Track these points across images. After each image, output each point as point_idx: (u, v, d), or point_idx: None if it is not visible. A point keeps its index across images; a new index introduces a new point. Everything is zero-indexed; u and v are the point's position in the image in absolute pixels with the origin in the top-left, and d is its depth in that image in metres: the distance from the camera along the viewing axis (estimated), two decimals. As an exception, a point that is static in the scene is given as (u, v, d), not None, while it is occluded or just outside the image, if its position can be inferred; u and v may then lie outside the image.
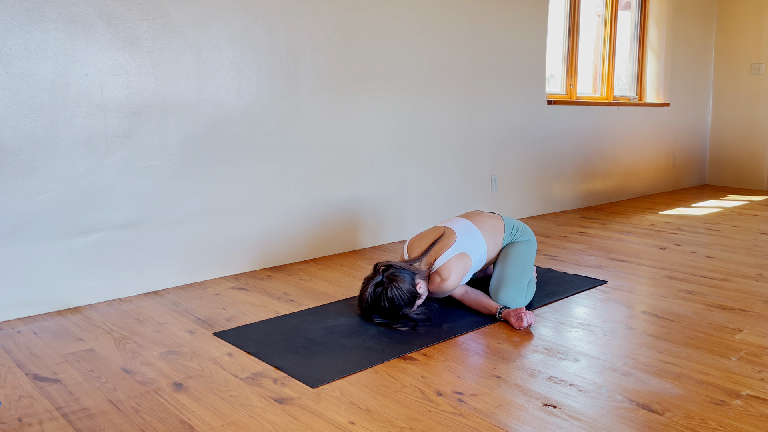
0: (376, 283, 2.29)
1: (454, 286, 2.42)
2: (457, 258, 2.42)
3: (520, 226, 2.70)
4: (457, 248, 2.44)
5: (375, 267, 2.34)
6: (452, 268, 2.40)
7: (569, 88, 4.97)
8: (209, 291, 2.78)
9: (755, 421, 1.64)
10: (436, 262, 2.41)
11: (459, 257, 2.42)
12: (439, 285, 2.40)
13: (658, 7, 5.66)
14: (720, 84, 6.32)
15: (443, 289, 2.41)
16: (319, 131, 3.30)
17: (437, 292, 2.43)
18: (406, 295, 2.29)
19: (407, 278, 2.30)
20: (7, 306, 2.41)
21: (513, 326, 2.31)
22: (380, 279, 2.29)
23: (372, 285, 2.29)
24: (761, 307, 2.55)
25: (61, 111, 2.46)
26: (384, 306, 2.28)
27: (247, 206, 3.06)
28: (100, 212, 2.60)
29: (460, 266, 2.41)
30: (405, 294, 2.28)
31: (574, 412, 1.68)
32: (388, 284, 2.27)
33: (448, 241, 2.45)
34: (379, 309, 2.30)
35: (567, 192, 4.92)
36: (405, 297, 2.28)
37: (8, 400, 1.76)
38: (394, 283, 2.27)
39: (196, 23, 2.78)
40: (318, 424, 1.62)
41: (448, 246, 2.43)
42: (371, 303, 2.30)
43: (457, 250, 2.43)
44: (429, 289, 2.43)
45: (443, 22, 3.81)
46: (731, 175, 6.35)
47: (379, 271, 2.31)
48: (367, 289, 2.30)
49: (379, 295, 2.28)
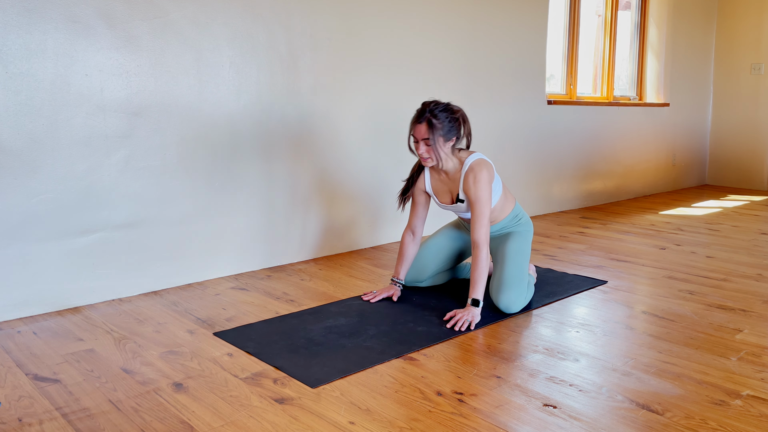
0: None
1: (486, 182, 2.40)
2: (486, 161, 2.44)
3: (523, 216, 2.70)
4: (485, 157, 2.49)
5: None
6: (483, 165, 2.42)
7: (569, 88, 4.97)
8: (209, 291, 2.78)
9: (755, 421, 1.64)
10: (467, 160, 2.44)
11: (487, 162, 2.45)
12: (475, 182, 2.39)
13: (658, 7, 5.66)
14: (720, 84, 6.32)
15: (479, 187, 2.39)
16: (319, 131, 3.30)
17: (475, 193, 2.40)
18: (453, 119, 2.39)
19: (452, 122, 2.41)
20: (7, 306, 2.41)
21: (456, 320, 2.30)
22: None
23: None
24: (761, 307, 2.55)
25: (61, 111, 2.46)
26: (434, 101, 2.39)
27: (247, 206, 3.06)
28: (100, 212, 2.60)
29: (490, 169, 2.43)
30: (453, 118, 2.39)
31: (574, 412, 1.68)
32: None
33: (474, 152, 2.51)
34: (429, 102, 2.39)
35: (567, 192, 4.92)
36: (452, 117, 2.38)
37: (8, 400, 1.76)
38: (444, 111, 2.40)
39: (196, 23, 2.78)
40: (318, 424, 1.62)
41: (476, 152, 2.49)
42: (429, 100, 2.41)
43: (485, 158, 2.47)
44: (464, 191, 2.45)
45: (443, 22, 3.81)
46: (731, 175, 6.35)
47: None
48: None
49: (438, 101, 2.41)
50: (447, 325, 2.30)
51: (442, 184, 2.55)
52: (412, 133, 2.41)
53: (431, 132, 2.35)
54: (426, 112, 2.36)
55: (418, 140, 2.39)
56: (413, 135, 2.40)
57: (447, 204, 2.55)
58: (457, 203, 2.50)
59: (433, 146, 2.37)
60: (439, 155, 2.39)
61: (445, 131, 2.37)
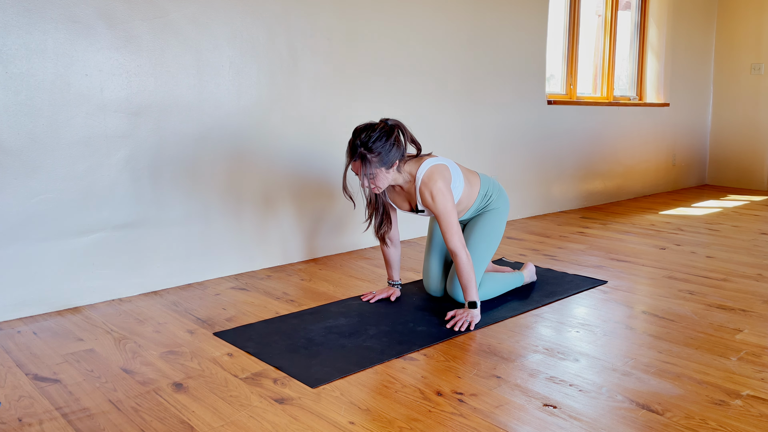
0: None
1: (444, 194, 2.28)
2: (437, 167, 2.32)
3: (495, 189, 2.60)
4: (436, 161, 2.35)
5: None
6: (435, 176, 2.29)
7: (569, 88, 4.97)
8: (209, 291, 2.78)
9: (755, 421, 1.64)
10: (417, 173, 2.31)
11: (439, 167, 2.32)
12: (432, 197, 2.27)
13: (658, 7, 5.66)
14: (720, 84, 6.32)
15: (438, 201, 2.28)
16: (319, 131, 3.30)
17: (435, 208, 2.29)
18: (390, 143, 2.21)
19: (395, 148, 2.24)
20: (7, 306, 2.41)
21: (456, 320, 2.29)
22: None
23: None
24: (761, 307, 2.55)
25: (61, 111, 2.46)
26: (365, 131, 2.21)
27: (247, 206, 3.06)
28: (100, 212, 2.60)
29: (444, 174, 2.31)
30: (389, 142, 2.21)
31: (574, 412, 1.68)
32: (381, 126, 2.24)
33: (426, 157, 2.38)
34: (360, 132, 2.21)
35: (567, 192, 4.92)
36: (387, 142, 2.21)
37: (8, 400, 1.76)
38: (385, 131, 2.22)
39: (196, 23, 2.78)
40: (318, 424, 1.62)
41: (427, 159, 2.36)
42: (360, 128, 2.24)
43: (436, 162, 2.34)
44: (424, 206, 2.34)
45: (443, 21, 3.81)
46: (731, 175, 6.35)
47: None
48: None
49: (370, 126, 2.24)
50: (447, 326, 2.30)
51: (397, 195, 2.47)
52: (349, 167, 2.30)
53: (368, 167, 2.21)
54: (358, 147, 2.19)
55: (358, 174, 2.26)
56: (352, 170, 2.28)
57: (407, 211, 2.50)
58: (418, 213, 2.45)
59: (375, 178, 2.24)
60: (384, 183, 2.27)
61: (385, 160, 2.22)
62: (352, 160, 2.23)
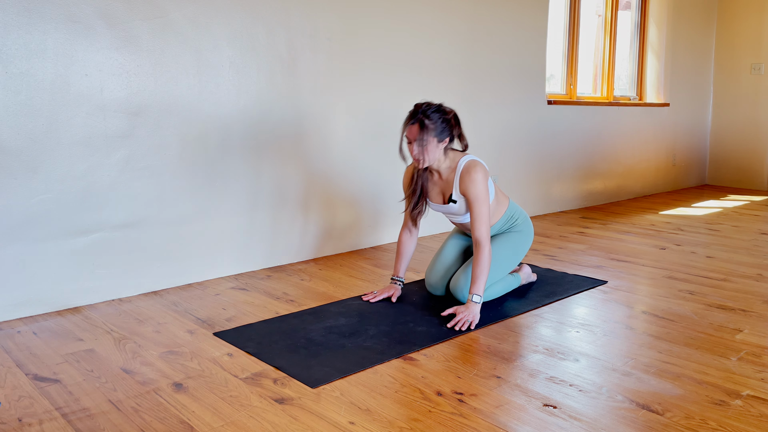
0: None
1: (483, 183, 2.40)
2: (481, 163, 2.44)
3: (521, 216, 2.69)
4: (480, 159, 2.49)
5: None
6: (478, 165, 2.41)
7: (569, 88, 4.97)
8: (209, 291, 2.78)
9: (755, 421, 1.64)
10: (460, 161, 2.45)
11: (482, 164, 2.45)
12: (471, 181, 2.39)
13: (658, 7, 5.66)
14: (720, 84, 6.32)
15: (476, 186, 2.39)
16: (319, 131, 3.30)
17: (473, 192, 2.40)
18: (445, 120, 2.37)
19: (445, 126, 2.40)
20: (7, 306, 2.41)
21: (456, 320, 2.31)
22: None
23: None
24: (761, 307, 2.55)
25: (61, 111, 2.46)
26: (426, 102, 2.38)
27: (247, 206, 3.06)
28: (99, 212, 2.60)
29: (484, 169, 2.43)
30: (445, 119, 2.37)
31: (574, 412, 1.68)
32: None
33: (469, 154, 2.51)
34: (422, 103, 2.37)
35: (567, 192, 4.92)
36: (443, 118, 2.37)
37: (8, 400, 1.76)
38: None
39: (196, 23, 2.78)
40: (318, 424, 1.62)
41: (470, 154, 2.49)
42: (421, 101, 2.40)
43: (476, 158, 2.47)
44: (461, 192, 2.44)
45: (443, 21, 3.81)
46: (731, 175, 6.35)
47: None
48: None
49: (430, 102, 2.40)
50: (447, 325, 2.30)
51: (433, 185, 2.55)
52: (405, 134, 2.41)
53: (424, 132, 2.34)
54: (418, 113, 2.36)
55: (411, 141, 2.38)
56: (406, 136, 2.40)
57: (438, 204, 2.55)
58: (449, 204, 2.50)
59: (426, 147, 2.37)
60: (431, 156, 2.39)
61: (438, 132, 2.36)
62: (411, 123, 2.37)
